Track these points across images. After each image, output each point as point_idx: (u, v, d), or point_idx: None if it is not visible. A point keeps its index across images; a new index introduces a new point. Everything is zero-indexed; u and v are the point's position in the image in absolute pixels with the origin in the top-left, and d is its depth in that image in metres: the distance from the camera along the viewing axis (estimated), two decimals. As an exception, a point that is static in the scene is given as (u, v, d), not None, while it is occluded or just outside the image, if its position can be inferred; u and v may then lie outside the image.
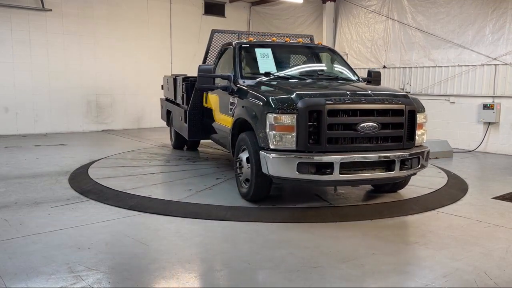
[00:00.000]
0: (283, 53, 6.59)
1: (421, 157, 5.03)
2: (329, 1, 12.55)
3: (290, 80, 5.80)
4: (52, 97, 11.45)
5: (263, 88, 5.34)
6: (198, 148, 8.92)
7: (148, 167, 7.14)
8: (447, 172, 7.01)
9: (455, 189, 6.12)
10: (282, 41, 6.99)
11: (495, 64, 9.33)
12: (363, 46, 11.99)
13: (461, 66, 9.89)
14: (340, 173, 4.54)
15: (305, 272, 3.41)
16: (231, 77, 5.84)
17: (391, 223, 4.65)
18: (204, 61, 7.13)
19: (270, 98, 4.75)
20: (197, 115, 7.03)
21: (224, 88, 5.95)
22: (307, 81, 5.86)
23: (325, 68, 6.82)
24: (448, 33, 10.03)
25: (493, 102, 9.32)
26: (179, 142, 8.73)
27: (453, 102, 10.01)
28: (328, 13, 12.61)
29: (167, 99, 9.32)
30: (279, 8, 14.04)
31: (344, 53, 12.07)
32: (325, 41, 12.29)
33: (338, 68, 6.63)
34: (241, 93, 5.48)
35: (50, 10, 11.14)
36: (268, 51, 6.29)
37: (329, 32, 12.65)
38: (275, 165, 4.55)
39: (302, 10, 13.45)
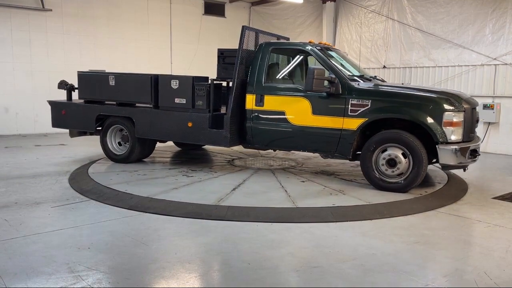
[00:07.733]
0: (336, 56, 6.81)
1: None
2: (329, 1, 12.55)
3: (387, 82, 6.76)
4: (52, 97, 11.39)
5: (406, 90, 5.98)
6: (145, 160, 7.69)
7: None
8: (447, 172, 7.01)
9: (455, 189, 6.13)
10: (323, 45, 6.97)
11: (495, 64, 9.34)
12: (363, 46, 11.98)
13: (461, 66, 9.90)
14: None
15: (305, 272, 3.41)
16: (337, 79, 5.96)
17: (391, 223, 4.65)
18: (237, 60, 6.61)
19: (444, 99, 5.62)
20: (237, 120, 6.66)
21: (332, 91, 5.93)
22: (386, 82, 6.80)
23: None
24: (448, 33, 10.03)
25: (493, 102, 9.33)
26: (139, 154, 7.40)
27: (453, 102, 10.05)
28: (328, 13, 12.61)
29: (92, 102, 7.77)
30: (279, 8, 14.04)
31: (344, 53, 12.05)
32: (325, 41, 12.27)
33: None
34: (373, 95, 5.86)
35: (50, 10, 11.15)
36: (335, 54, 6.75)
37: (329, 32, 12.65)
38: (458, 155, 5.48)
39: (302, 10, 13.46)
